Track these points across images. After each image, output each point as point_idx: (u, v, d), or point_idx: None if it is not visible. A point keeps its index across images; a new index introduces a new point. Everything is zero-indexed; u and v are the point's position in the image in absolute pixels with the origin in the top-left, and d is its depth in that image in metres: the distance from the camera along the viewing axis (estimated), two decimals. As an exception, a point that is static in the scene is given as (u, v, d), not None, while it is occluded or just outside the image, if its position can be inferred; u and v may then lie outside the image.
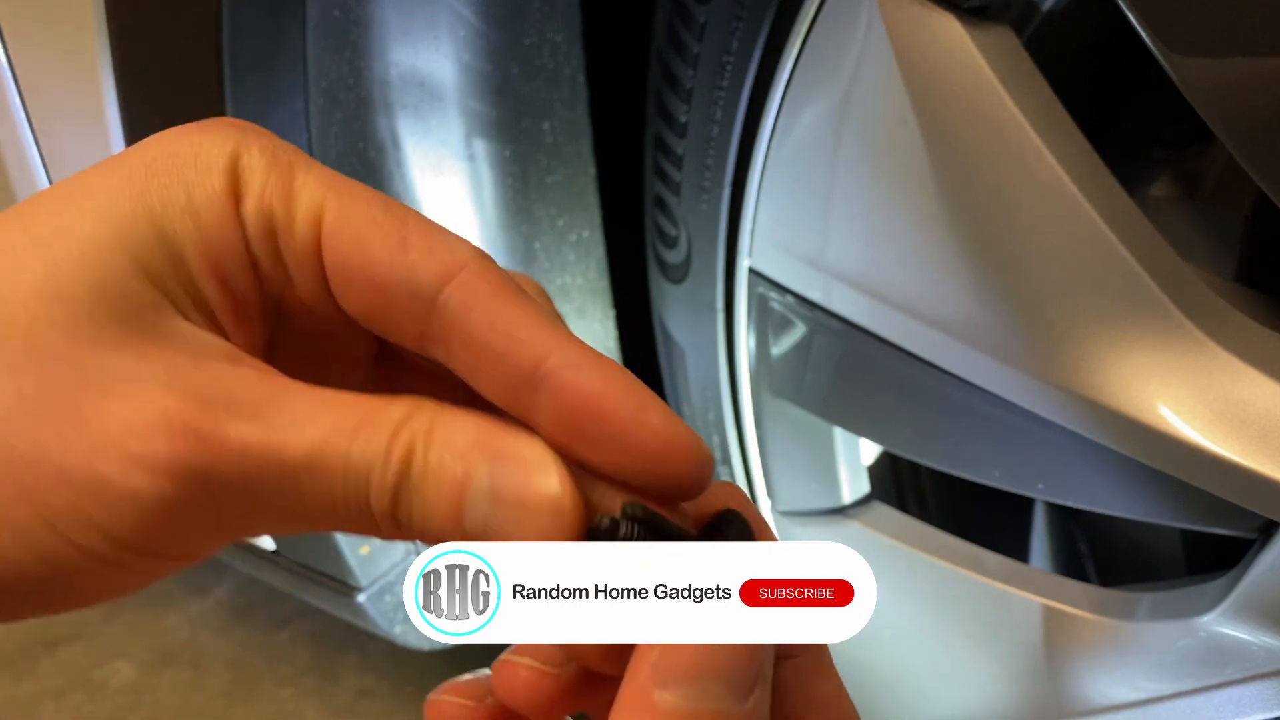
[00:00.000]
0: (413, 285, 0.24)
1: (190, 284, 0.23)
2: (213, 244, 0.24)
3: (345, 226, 0.24)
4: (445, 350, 0.25)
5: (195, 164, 0.24)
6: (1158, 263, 0.37)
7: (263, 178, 0.24)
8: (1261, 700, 0.42)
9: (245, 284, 0.24)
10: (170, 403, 0.21)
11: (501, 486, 0.23)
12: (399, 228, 0.24)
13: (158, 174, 0.23)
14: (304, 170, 0.24)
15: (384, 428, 0.22)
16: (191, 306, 0.24)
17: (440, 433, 0.23)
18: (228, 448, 0.22)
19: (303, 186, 0.24)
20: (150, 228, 0.23)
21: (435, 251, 0.24)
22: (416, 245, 0.24)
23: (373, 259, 0.24)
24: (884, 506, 0.56)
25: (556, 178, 0.64)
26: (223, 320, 0.24)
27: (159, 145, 0.24)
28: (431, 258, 0.24)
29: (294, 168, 0.24)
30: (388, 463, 0.22)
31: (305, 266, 0.25)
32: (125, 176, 0.23)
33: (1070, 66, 0.41)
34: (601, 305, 0.72)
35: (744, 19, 0.43)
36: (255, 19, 0.45)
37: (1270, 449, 0.36)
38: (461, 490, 0.23)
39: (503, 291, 0.24)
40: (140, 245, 0.23)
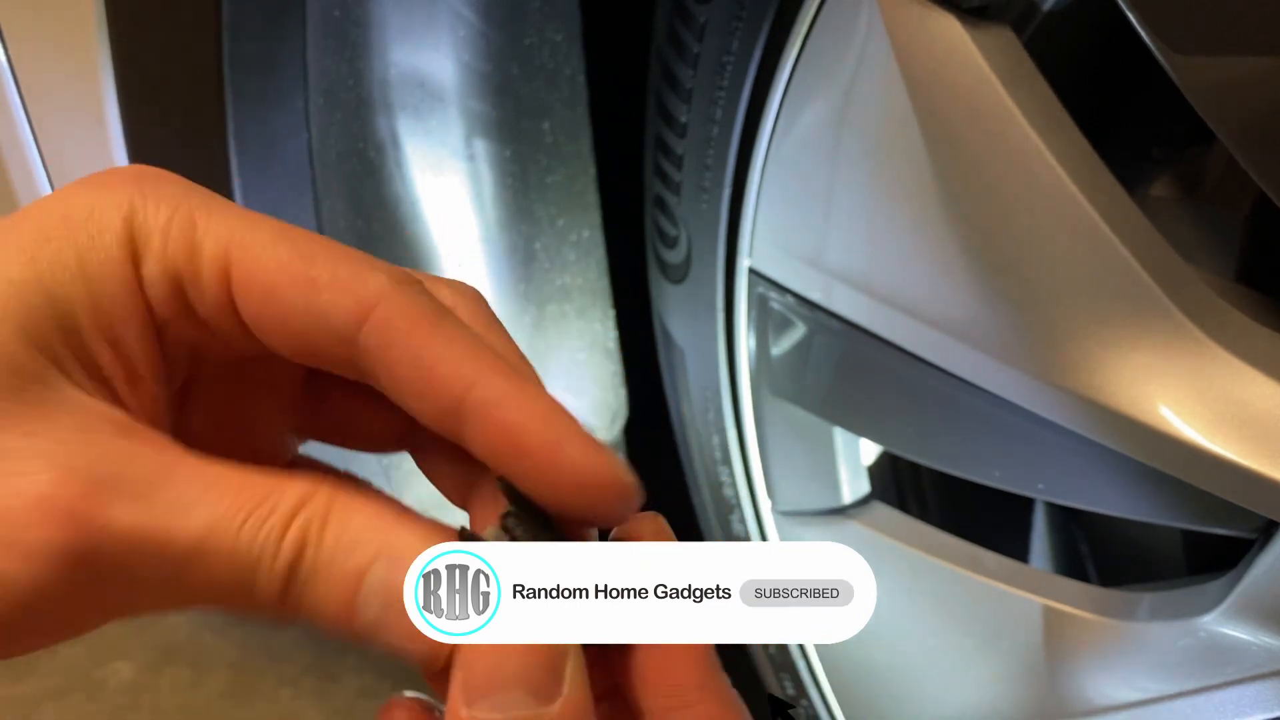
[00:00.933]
0: (329, 330, 0.23)
1: (82, 350, 0.23)
2: (106, 309, 0.23)
3: (253, 277, 0.23)
4: (375, 380, 0.24)
5: (87, 226, 0.23)
6: (1158, 263, 0.37)
7: (162, 235, 0.23)
8: (1262, 700, 0.42)
9: (144, 346, 0.24)
10: (52, 484, 0.21)
11: (395, 589, 0.22)
12: (306, 269, 0.23)
13: (50, 239, 0.23)
14: (205, 217, 0.24)
15: (277, 512, 0.22)
16: (83, 373, 0.23)
17: (334, 525, 0.22)
18: (110, 532, 0.21)
19: (205, 236, 0.24)
20: (40, 295, 0.22)
21: (347, 289, 0.23)
22: (326, 284, 0.23)
23: (286, 307, 0.23)
24: (884, 507, 0.56)
25: (556, 178, 0.64)
26: (117, 385, 0.24)
27: (53, 205, 0.24)
28: (344, 296, 0.23)
29: (194, 218, 0.24)
30: (278, 554, 0.22)
31: (220, 316, 0.24)
32: (16, 242, 0.23)
33: (1070, 66, 0.41)
34: (601, 305, 0.72)
35: (744, 19, 0.43)
36: (255, 19, 0.45)
37: (1270, 449, 0.36)
38: (354, 589, 0.22)
39: (420, 326, 0.23)
40: (28, 314, 0.22)
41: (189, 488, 0.22)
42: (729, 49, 0.45)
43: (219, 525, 0.22)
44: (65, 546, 0.21)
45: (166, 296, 0.24)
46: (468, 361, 0.23)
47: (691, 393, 0.60)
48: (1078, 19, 0.40)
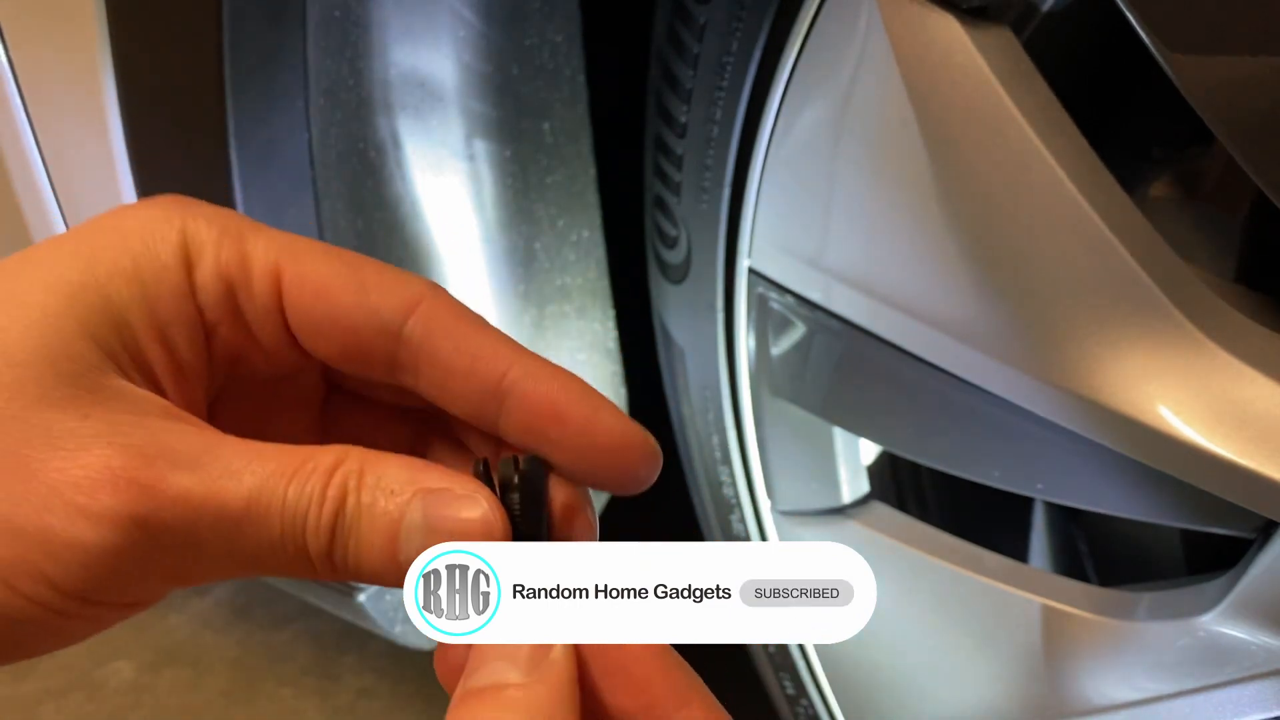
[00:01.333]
0: (378, 322, 0.26)
1: (134, 347, 0.25)
2: (158, 310, 0.25)
3: (305, 281, 0.26)
4: (414, 375, 0.27)
5: (142, 235, 0.25)
6: (1157, 263, 0.37)
7: (215, 246, 0.26)
8: (1261, 700, 0.42)
9: (192, 347, 0.26)
10: (113, 457, 0.23)
11: (434, 519, 0.24)
12: (355, 275, 0.26)
13: (105, 246, 0.25)
14: (254, 235, 0.26)
15: (318, 472, 0.24)
16: (134, 367, 0.25)
17: (371, 474, 0.24)
18: (169, 497, 0.23)
19: (254, 247, 0.26)
20: (98, 295, 0.24)
21: (393, 290, 0.26)
22: (374, 287, 0.26)
23: (337, 306, 0.26)
24: (883, 506, 0.56)
25: (557, 178, 0.64)
26: (164, 380, 0.26)
27: (106, 221, 0.26)
28: (391, 296, 0.26)
29: (243, 234, 0.26)
30: (323, 504, 0.24)
31: (267, 322, 0.26)
32: (73, 250, 0.25)
33: (1070, 67, 0.41)
34: (601, 305, 0.72)
35: (744, 19, 0.43)
36: (256, 19, 0.45)
37: (1269, 449, 0.36)
38: (396, 526, 0.24)
39: (462, 317, 0.26)
40: (86, 312, 0.24)
41: (237, 458, 0.24)
42: (729, 49, 0.45)
43: (267, 485, 0.24)
44: (130, 512, 0.23)
45: (217, 300, 0.26)
46: (504, 345, 0.26)
47: (691, 393, 0.60)
48: (1077, 19, 0.40)
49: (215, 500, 0.23)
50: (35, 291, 0.24)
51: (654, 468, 0.26)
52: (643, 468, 0.26)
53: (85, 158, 0.53)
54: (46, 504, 0.22)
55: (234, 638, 1.05)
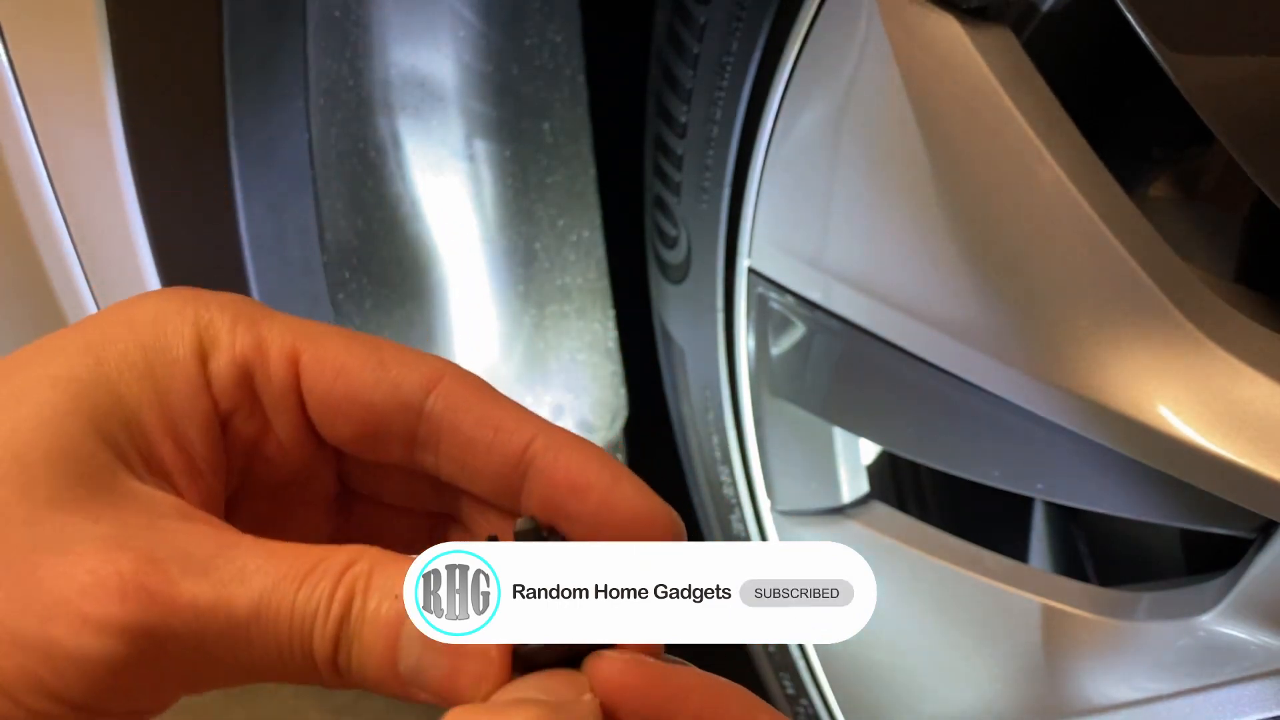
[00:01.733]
0: (400, 398, 0.26)
1: (146, 445, 0.24)
2: (171, 406, 0.25)
3: (324, 361, 0.26)
4: (434, 453, 0.26)
5: (153, 328, 0.25)
6: (1157, 263, 0.37)
7: (230, 334, 0.25)
8: (1260, 700, 0.42)
9: (206, 441, 0.25)
10: (122, 562, 0.22)
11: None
12: (374, 353, 0.26)
13: (115, 340, 0.25)
14: (268, 320, 0.26)
15: (327, 575, 0.23)
16: (145, 467, 0.24)
17: (379, 578, 0.23)
18: (178, 604, 0.22)
19: (270, 331, 0.26)
20: (107, 393, 0.24)
21: (414, 366, 0.26)
22: (394, 363, 0.26)
23: (357, 383, 0.26)
24: (883, 506, 0.56)
25: (557, 178, 0.64)
26: (178, 477, 0.25)
27: (117, 312, 0.25)
28: (412, 371, 0.26)
29: (258, 320, 0.26)
30: (330, 609, 0.23)
31: (284, 407, 0.26)
32: (83, 344, 0.24)
33: (1069, 67, 0.41)
34: (601, 305, 0.72)
35: (744, 20, 0.43)
36: (256, 20, 0.45)
37: (1269, 449, 0.36)
38: (395, 635, 0.23)
39: (484, 391, 0.26)
40: (95, 410, 0.24)
41: (248, 559, 0.23)
42: (729, 49, 0.45)
43: (276, 589, 0.23)
44: (139, 620, 0.22)
45: (233, 388, 0.26)
46: (526, 418, 0.26)
47: (691, 392, 0.60)
48: (1077, 19, 0.40)
49: (224, 606, 0.22)
50: (44, 389, 0.24)
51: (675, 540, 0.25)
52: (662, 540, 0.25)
53: (86, 157, 0.53)
54: (51, 613, 0.22)
55: (234, 637, 1.05)
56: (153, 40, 0.47)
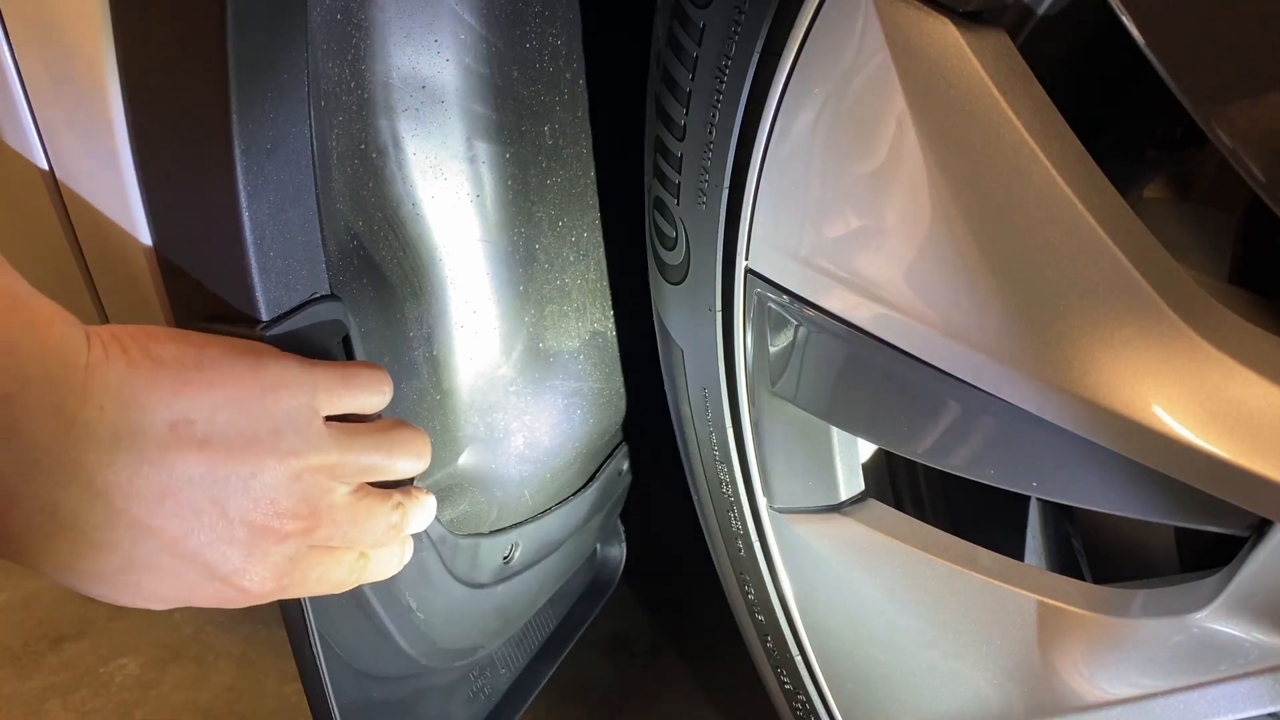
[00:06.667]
0: None
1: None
2: None
3: None
4: None
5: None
6: (1151, 264, 0.37)
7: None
8: (1254, 696, 0.42)
9: None
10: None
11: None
12: None
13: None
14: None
15: None
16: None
17: None
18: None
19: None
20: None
21: None
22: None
23: None
24: (879, 504, 0.56)
25: (557, 180, 0.64)
26: None
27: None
28: None
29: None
30: None
31: None
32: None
33: (1065, 70, 0.41)
34: (601, 305, 0.72)
35: (742, 23, 0.44)
36: (258, 22, 0.45)
37: (1262, 447, 0.36)
38: None
39: None
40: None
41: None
42: (727, 53, 0.45)
43: None
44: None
45: None
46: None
47: (690, 392, 0.61)
48: (1072, 23, 0.41)
49: None
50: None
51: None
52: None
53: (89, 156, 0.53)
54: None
55: (239, 635, 1.06)
56: (157, 42, 0.48)
